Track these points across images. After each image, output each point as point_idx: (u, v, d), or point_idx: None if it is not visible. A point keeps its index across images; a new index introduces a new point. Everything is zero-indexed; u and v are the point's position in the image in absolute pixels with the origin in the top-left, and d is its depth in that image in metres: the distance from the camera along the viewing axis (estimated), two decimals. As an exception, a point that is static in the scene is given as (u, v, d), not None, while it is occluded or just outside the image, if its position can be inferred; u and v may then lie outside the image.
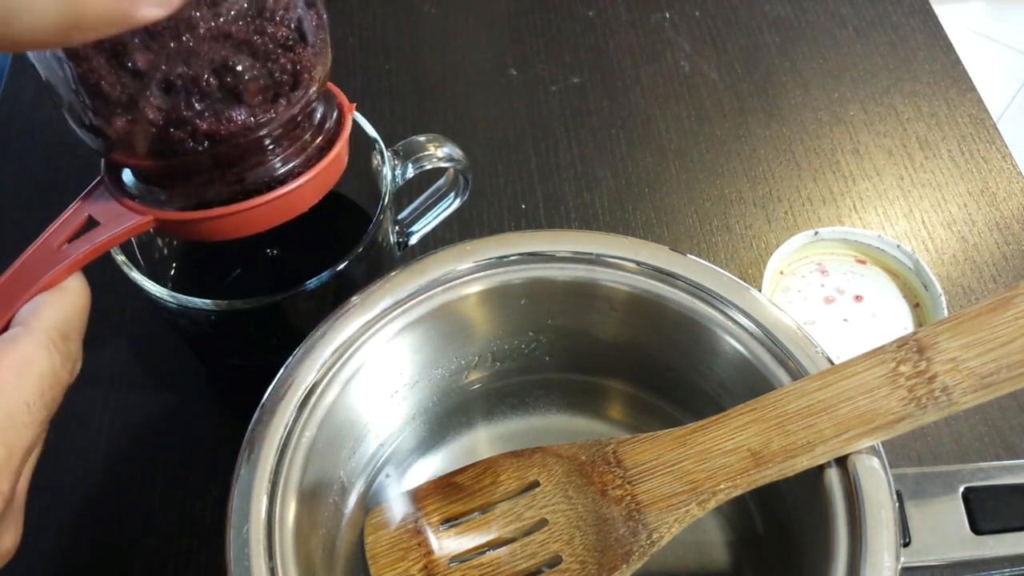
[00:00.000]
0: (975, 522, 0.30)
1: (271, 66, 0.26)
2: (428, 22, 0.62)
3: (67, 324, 0.25)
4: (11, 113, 0.57)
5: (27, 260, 0.26)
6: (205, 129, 0.26)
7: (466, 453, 0.38)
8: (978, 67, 0.62)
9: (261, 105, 0.27)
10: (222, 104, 0.26)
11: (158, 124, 0.26)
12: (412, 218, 0.44)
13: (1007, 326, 0.27)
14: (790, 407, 0.29)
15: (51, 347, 0.24)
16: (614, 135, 0.56)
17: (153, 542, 0.41)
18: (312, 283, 0.35)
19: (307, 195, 0.30)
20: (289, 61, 0.27)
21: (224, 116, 0.26)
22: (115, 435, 0.44)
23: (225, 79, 0.25)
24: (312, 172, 0.29)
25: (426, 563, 0.32)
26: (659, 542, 0.29)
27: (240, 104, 0.26)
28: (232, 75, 0.25)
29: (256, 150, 0.28)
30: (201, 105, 0.26)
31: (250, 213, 0.28)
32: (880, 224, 0.52)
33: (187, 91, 0.25)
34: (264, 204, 0.28)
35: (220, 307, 0.34)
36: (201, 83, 0.25)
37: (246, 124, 0.26)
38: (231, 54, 0.25)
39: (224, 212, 0.28)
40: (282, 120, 0.28)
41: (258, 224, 0.29)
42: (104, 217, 0.28)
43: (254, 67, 0.26)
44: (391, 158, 0.39)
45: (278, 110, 0.27)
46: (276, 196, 0.28)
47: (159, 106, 0.25)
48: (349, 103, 0.32)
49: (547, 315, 0.36)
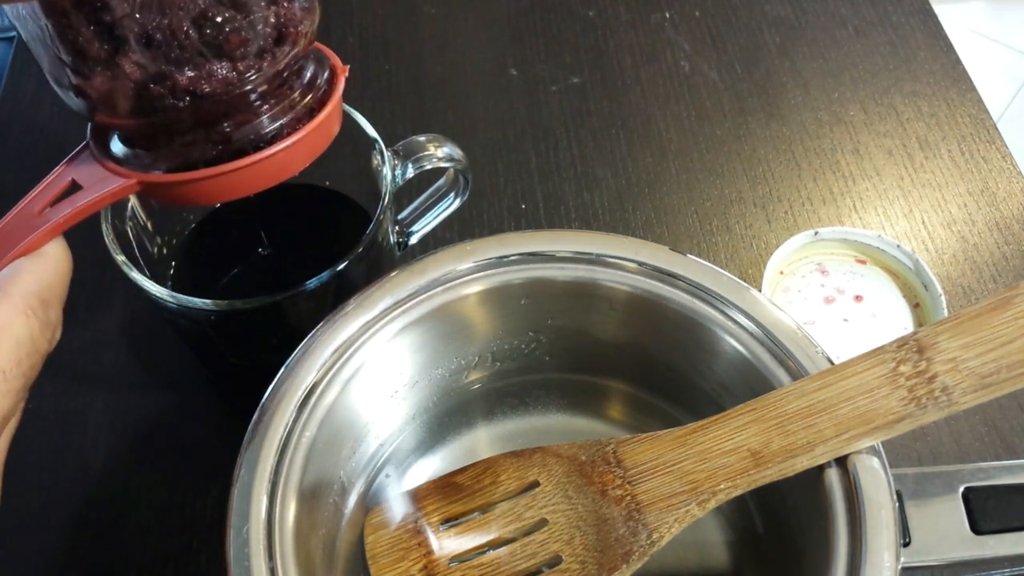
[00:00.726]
0: (975, 522, 0.30)
1: (254, 18, 0.25)
2: (428, 22, 0.62)
3: (47, 290, 0.24)
4: (11, 113, 0.57)
5: (6, 225, 0.26)
6: (185, 84, 0.25)
7: (466, 453, 0.38)
8: (978, 67, 0.62)
9: (244, 60, 0.26)
10: (203, 58, 0.25)
11: (137, 79, 0.25)
12: (412, 218, 0.44)
13: (1007, 326, 0.27)
14: (790, 407, 0.29)
15: (29, 313, 0.24)
16: (614, 135, 0.56)
17: (153, 542, 0.41)
18: (312, 283, 0.35)
19: (296, 158, 0.29)
20: (273, 14, 0.26)
21: (205, 70, 0.25)
22: (115, 435, 0.44)
23: (205, 31, 0.25)
24: (300, 133, 0.28)
25: (426, 563, 0.32)
26: (659, 542, 0.29)
27: (222, 58, 0.25)
28: (213, 27, 0.25)
29: (241, 107, 0.27)
30: (181, 59, 0.25)
31: (237, 175, 0.27)
32: (880, 224, 0.52)
33: (166, 44, 0.24)
34: (250, 165, 0.27)
35: (220, 307, 0.34)
36: (180, 35, 0.24)
37: (228, 79, 0.26)
38: (211, 4, 0.25)
39: (209, 173, 0.27)
40: (267, 76, 0.27)
41: (246, 187, 0.28)
42: (87, 181, 0.27)
43: (235, 19, 0.25)
44: (391, 158, 0.39)
45: (262, 65, 0.26)
46: (263, 157, 0.27)
47: (138, 61, 0.25)
48: (343, 65, 0.31)
49: (547, 315, 0.36)
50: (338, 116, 0.31)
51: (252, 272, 0.43)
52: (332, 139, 0.30)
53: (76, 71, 0.25)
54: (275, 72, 0.27)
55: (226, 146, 0.27)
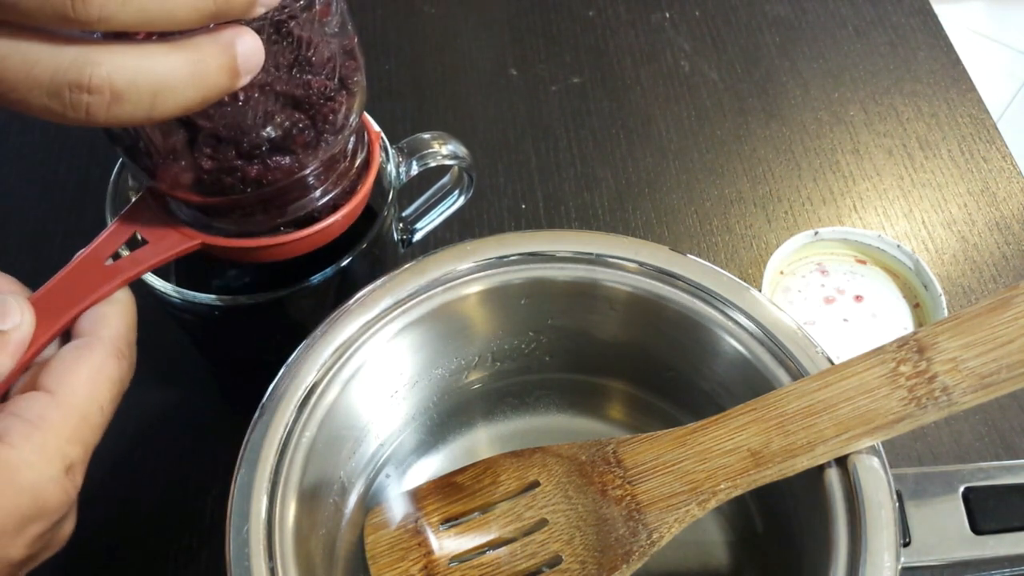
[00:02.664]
0: (975, 522, 0.30)
1: (315, 116, 0.28)
2: (428, 22, 0.62)
3: (130, 333, 0.27)
4: (11, 113, 0.57)
5: (73, 271, 0.27)
6: (254, 176, 0.27)
7: (466, 453, 0.38)
8: (978, 67, 0.62)
9: (305, 150, 0.28)
10: (269, 152, 0.27)
11: (209, 170, 0.27)
12: (416, 215, 0.44)
13: (1007, 326, 0.27)
14: (790, 407, 0.29)
15: (119, 355, 0.26)
16: (614, 135, 0.56)
17: (153, 542, 0.41)
18: (316, 278, 0.35)
19: (343, 223, 0.32)
20: (331, 111, 0.28)
21: (271, 163, 0.27)
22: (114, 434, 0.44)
23: (273, 134, 0.27)
24: (348, 207, 0.31)
25: (426, 563, 0.32)
26: (659, 542, 0.29)
27: (286, 153, 0.28)
28: (280, 129, 0.27)
29: (299, 187, 0.29)
30: (252, 155, 0.27)
31: (294, 244, 0.30)
32: (880, 224, 0.52)
33: (236, 143, 0.27)
34: (306, 237, 0.30)
35: (224, 302, 0.35)
36: (251, 136, 0.27)
37: (291, 170, 0.28)
38: (278, 109, 0.27)
39: (269, 243, 0.30)
40: (323, 161, 0.29)
41: (298, 251, 0.31)
42: (152, 236, 0.29)
43: (300, 120, 0.27)
44: (395, 155, 0.39)
45: (320, 154, 0.29)
46: (317, 230, 0.30)
47: (210, 155, 0.27)
48: (375, 131, 0.33)
49: (547, 315, 0.36)
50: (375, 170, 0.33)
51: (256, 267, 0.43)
52: (366, 201, 0.33)
53: (150, 156, 0.27)
54: (330, 156, 0.29)
55: (283, 218, 0.30)
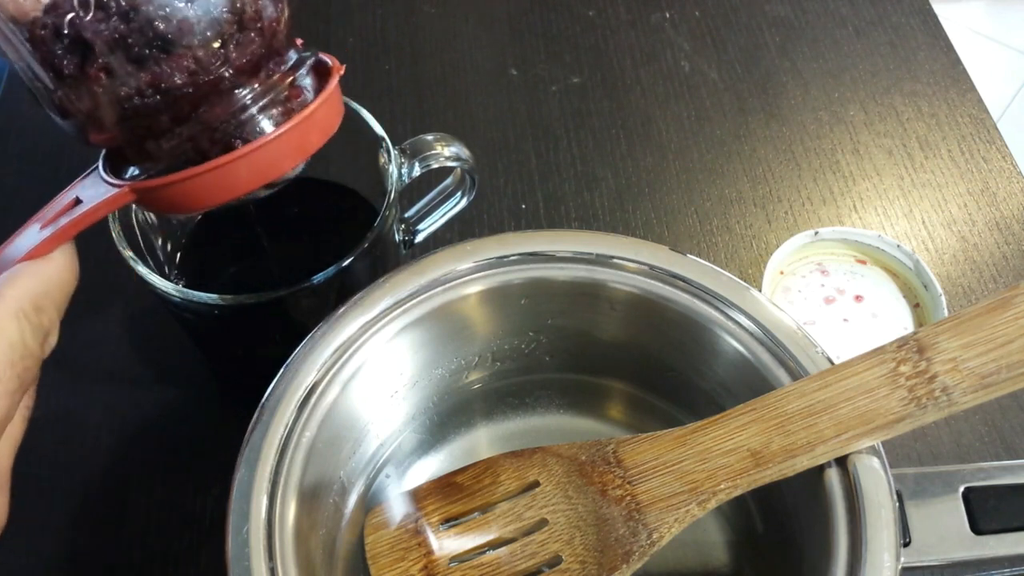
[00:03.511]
0: (975, 522, 0.30)
1: (208, 4, 0.26)
2: (428, 22, 0.62)
3: (42, 295, 0.25)
4: (11, 113, 0.57)
5: (14, 241, 0.26)
6: (149, 80, 0.26)
7: (466, 453, 0.38)
8: (978, 67, 0.62)
9: (203, 48, 0.26)
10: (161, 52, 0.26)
11: (104, 86, 0.26)
12: (418, 216, 0.44)
13: (1007, 326, 0.27)
14: (790, 407, 0.29)
15: (20, 316, 0.24)
16: (614, 135, 0.56)
17: (153, 542, 0.41)
18: (318, 278, 0.35)
19: (285, 153, 0.28)
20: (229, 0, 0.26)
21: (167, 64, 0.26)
22: (114, 434, 0.44)
23: (156, 24, 0.26)
24: (285, 126, 0.28)
25: (426, 563, 0.32)
26: (659, 542, 0.29)
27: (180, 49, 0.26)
28: (163, 20, 0.26)
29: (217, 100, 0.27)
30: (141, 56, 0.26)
31: (227, 172, 0.27)
32: (880, 224, 0.52)
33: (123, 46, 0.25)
34: (237, 160, 0.27)
35: (226, 301, 0.35)
36: (133, 33, 0.26)
37: (189, 68, 0.26)
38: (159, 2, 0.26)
39: (197, 171, 0.27)
40: (233, 64, 0.27)
41: (239, 185, 0.28)
42: (87, 195, 0.28)
43: (183, 9, 0.26)
44: (397, 156, 0.39)
45: (224, 54, 0.27)
46: (246, 151, 0.27)
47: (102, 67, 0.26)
48: (339, 65, 0.30)
49: (547, 315, 0.36)
50: (334, 113, 0.30)
51: (257, 267, 0.43)
52: (327, 137, 0.30)
53: (55, 93, 0.27)
54: (245, 61, 0.27)
55: (215, 147, 0.28)
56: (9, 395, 0.23)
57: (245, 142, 0.28)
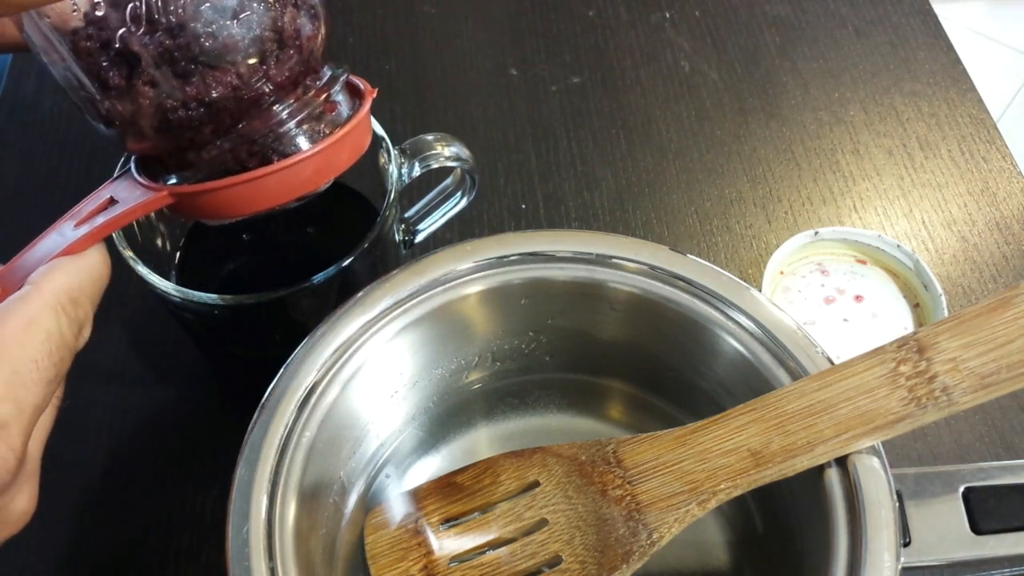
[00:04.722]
0: (975, 522, 0.30)
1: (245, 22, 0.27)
2: (428, 22, 0.62)
3: (78, 289, 0.25)
4: (11, 112, 0.57)
5: (44, 240, 0.27)
6: (193, 93, 0.27)
7: (466, 453, 0.38)
8: (978, 67, 0.62)
9: (246, 63, 0.27)
10: (205, 67, 0.26)
11: (150, 98, 0.26)
12: (419, 216, 0.44)
13: (1007, 326, 0.27)
14: (790, 407, 0.29)
15: (58, 308, 0.25)
16: (614, 135, 0.56)
17: (153, 542, 0.41)
18: (318, 278, 0.35)
19: (319, 170, 0.29)
20: (270, 19, 0.27)
21: (210, 77, 0.27)
22: (115, 434, 0.44)
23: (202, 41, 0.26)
24: (321, 144, 0.29)
25: (426, 563, 0.32)
26: (659, 542, 0.29)
27: (223, 65, 0.27)
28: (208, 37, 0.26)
29: (256, 115, 0.28)
30: (186, 71, 0.26)
31: (262, 184, 0.28)
32: (880, 224, 0.52)
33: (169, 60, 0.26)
34: (273, 173, 0.28)
35: (226, 301, 0.35)
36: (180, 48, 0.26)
37: (231, 83, 0.27)
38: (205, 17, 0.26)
39: (233, 181, 0.28)
40: (274, 80, 0.28)
41: (272, 197, 0.29)
42: (122, 196, 0.28)
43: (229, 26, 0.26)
44: (398, 156, 0.39)
45: (266, 70, 0.27)
46: (283, 166, 0.28)
47: (148, 80, 0.26)
48: (371, 88, 0.32)
49: (547, 315, 0.36)
50: (364, 133, 0.31)
51: (257, 267, 0.43)
52: (357, 156, 0.31)
53: (101, 103, 0.27)
54: (284, 77, 0.28)
55: (252, 159, 0.28)
56: (47, 383, 0.24)
57: (282, 155, 0.29)
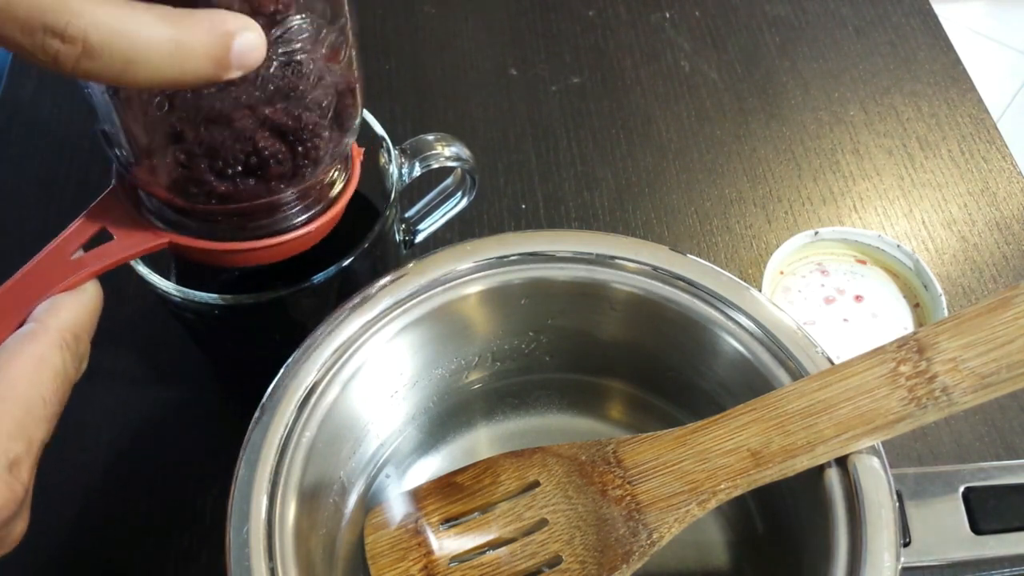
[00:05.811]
0: (975, 522, 0.30)
1: (297, 150, 0.27)
2: (428, 22, 0.62)
3: (79, 325, 0.26)
4: (11, 113, 0.57)
5: (38, 266, 0.27)
6: (221, 192, 0.27)
7: (466, 453, 0.38)
8: (978, 67, 0.62)
9: (278, 181, 0.28)
10: (243, 174, 0.27)
11: (178, 177, 0.27)
12: (419, 216, 0.44)
13: (1007, 326, 0.27)
14: (790, 407, 0.29)
15: (63, 346, 0.25)
16: (614, 135, 0.56)
17: (153, 542, 0.41)
18: (318, 278, 0.35)
19: (316, 235, 0.31)
20: (315, 147, 0.27)
21: (242, 184, 0.27)
22: (114, 434, 0.44)
23: (251, 160, 0.26)
24: (323, 219, 0.30)
25: (426, 563, 0.32)
26: (659, 542, 0.29)
27: (259, 179, 0.27)
28: (257, 156, 0.26)
29: (268, 209, 0.29)
30: (223, 173, 0.27)
31: (258, 252, 0.30)
32: (880, 224, 0.52)
33: (211, 157, 0.26)
34: (269, 246, 0.30)
35: (226, 301, 0.35)
36: (226, 155, 0.26)
37: (259, 194, 0.28)
38: (261, 135, 0.26)
39: (237, 247, 0.29)
40: (295, 191, 0.29)
41: (269, 258, 0.30)
42: (119, 231, 0.28)
43: (279, 152, 0.27)
44: (398, 156, 0.39)
45: (295, 186, 0.28)
46: (285, 240, 0.30)
47: (183, 163, 0.26)
48: (358, 148, 0.32)
49: (547, 315, 0.36)
50: (351, 190, 0.32)
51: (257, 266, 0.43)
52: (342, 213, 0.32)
53: (129, 148, 0.27)
54: (303, 188, 0.29)
55: (253, 227, 0.29)
56: (52, 418, 0.25)
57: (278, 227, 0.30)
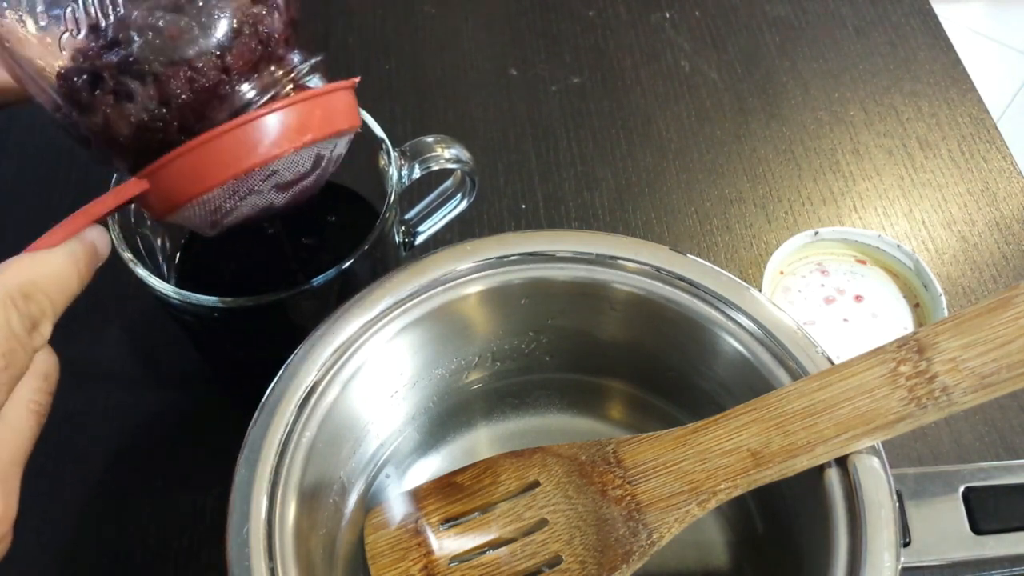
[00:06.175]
0: (975, 522, 0.30)
1: (196, 15, 0.28)
2: (428, 22, 0.62)
3: (32, 284, 0.25)
4: (11, 113, 0.57)
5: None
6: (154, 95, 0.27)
7: (466, 453, 0.38)
8: (978, 67, 0.62)
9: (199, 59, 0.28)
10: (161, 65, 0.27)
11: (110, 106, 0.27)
12: (419, 218, 0.44)
13: (1007, 326, 0.27)
14: (790, 407, 0.29)
15: (8, 303, 0.24)
16: (614, 135, 0.56)
17: (153, 542, 0.41)
18: (318, 280, 0.35)
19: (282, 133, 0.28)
20: (219, 10, 0.28)
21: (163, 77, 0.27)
22: (114, 434, 0.44)
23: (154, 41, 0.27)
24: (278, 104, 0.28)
25: (426, 563, 0.32)
26: (659, 542, 0.29)
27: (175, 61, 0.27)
28: (158, 36, 0.27)
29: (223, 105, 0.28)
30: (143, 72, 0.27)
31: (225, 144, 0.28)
32: (880, 224, 0.52)
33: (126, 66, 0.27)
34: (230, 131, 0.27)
35: (225, 304, 0.35)
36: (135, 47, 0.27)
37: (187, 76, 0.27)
38: (155, 13, 0.27)
39: (195, 143, 0.27)
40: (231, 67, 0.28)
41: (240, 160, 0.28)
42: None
43: (177, 19, 0.27)
44: (397, 158, 0.39)
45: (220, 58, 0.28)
46: (239, 122, 0.27)
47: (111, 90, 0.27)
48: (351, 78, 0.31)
49: (547, 315, 0.36)
50: (344, 110, 0.31)
51: (257, 269, 0.43)
52: (329, 130, 0.30)
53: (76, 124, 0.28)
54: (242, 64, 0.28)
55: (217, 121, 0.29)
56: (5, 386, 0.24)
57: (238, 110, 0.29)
